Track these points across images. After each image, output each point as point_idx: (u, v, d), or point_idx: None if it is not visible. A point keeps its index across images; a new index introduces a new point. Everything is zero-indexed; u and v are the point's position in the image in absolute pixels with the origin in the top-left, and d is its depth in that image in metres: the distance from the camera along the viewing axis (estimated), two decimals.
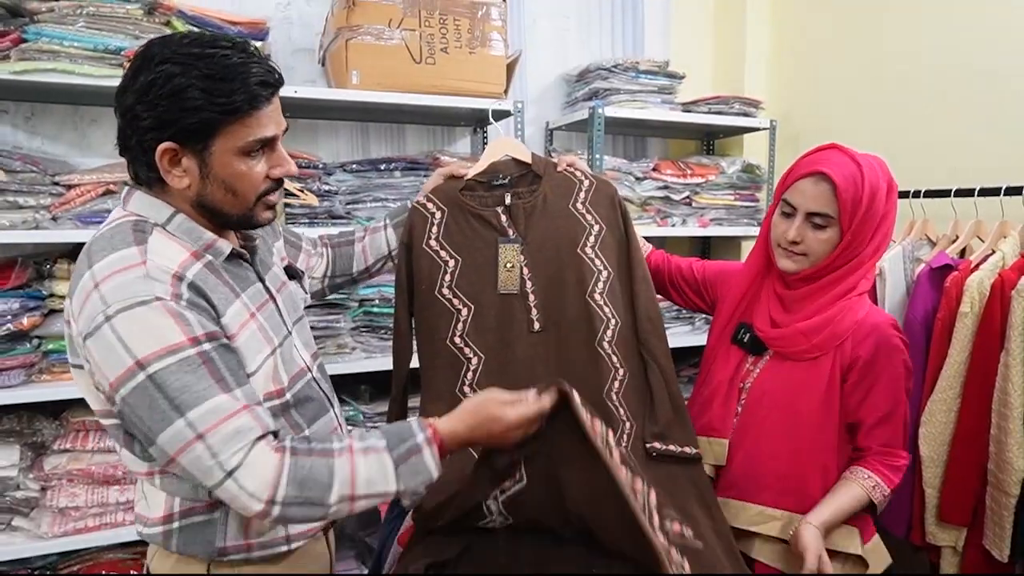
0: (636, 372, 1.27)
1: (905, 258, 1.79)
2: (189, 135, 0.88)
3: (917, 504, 1.63)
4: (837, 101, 2.35)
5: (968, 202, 1.73)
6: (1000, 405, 1.46)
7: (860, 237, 1.18)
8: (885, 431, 1.23)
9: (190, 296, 0.87)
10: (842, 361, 1.22)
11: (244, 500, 0.83)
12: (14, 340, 1.65)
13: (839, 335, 1.21)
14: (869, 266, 1.23)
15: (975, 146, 1.90)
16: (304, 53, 2.12)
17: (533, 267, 1.29)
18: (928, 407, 1.58)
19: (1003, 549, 1.45)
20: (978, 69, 1.90)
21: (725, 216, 2.40)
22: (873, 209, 1.16)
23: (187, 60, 0.86)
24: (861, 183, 1.15)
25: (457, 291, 1.28)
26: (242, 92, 0.87)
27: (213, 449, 0.81)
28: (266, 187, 0.96)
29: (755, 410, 1.27)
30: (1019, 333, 1.44)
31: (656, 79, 2.30)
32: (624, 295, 1.30)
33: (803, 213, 1.20)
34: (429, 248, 1.30)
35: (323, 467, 0.86)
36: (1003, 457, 1.45)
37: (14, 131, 1.88)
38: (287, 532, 1.02)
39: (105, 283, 0.83)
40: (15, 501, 1.69)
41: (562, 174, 1.35)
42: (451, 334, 1.26)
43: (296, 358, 1.05)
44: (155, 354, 0.81)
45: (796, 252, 1.22)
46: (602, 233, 1.31)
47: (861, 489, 1.20)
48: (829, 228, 1.18)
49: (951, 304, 1.57)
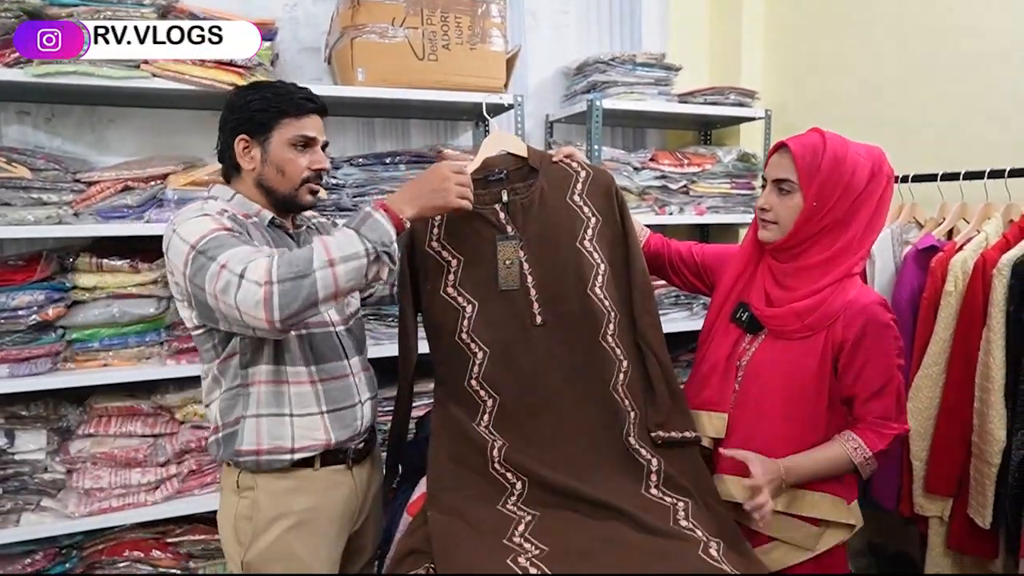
0: (636, 363, 1.32)
1: (894, 241, 1.85)
2: (256, 129, 1.27)
3: (905, 477, 1.69)
4: (831, 90, 2.40)
5: (954, 186, 1.79)
6: (983, 379, 1.52)
7: (827, 203, 1.24)
8: (879, 404, 1.27)
9: (231, 221, 1.20)
10: (833, 340, 1.26)
11: (251, 291, 1.05)
12: (40, 330, 1.74)
13: (830, 315, 1.26)
14: (861, 251, 1.28)
15: (962, 132, 1.95)
16: (311, 52, 2.20)
17: (532, 263, 1.32)
18: (914, 383, 1.64)
19: (985, 517, 1.50)
20: (966, 58, 1.95)
21: (722, 204, 2.45)
22: (840, 177, 1.22)
23: (257, 86, 1.31)
24: (821, 151, 1.23)
25: (461, 289, 1.33)
26: (292, 102, 1.27)
27: (231, 267, 1.08)
28: (307, 175, 1.30)
29: (752, 387, 1.31)
30: (1000, 310, 1.49)
31: (653, 71, 2.35)
32: (622, 288, 1.34)
33: (770, 181, 1.30)
34: (431, 249, 1.35)
35: (305, 251, 1.10)
36: (985, 429, 1.51)
37: (35, 132, 1.97)
38: (292, 445, 1.27)
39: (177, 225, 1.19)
40: (43, 483, 1.78)
41: (558, 166, 1.38)
42: (458, 330, 1.31)
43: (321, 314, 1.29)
44: (200, 237, 1.14)
45: (768, 220, 1.30)
46: (599, 225, 1.34)
47: (841, 447, 1.26)
48: (793, 193, 1.26)
49: (936, 284, 1.63)
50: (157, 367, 1.83)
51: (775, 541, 1.29)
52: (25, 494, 1.77)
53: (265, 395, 1.25)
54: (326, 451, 1.31)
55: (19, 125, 1.95)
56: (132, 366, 1.84)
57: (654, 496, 1.23)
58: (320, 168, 1.32)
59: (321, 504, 1.32)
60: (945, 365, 1.61)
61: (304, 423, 1.28)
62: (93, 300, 1.80)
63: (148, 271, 1.82)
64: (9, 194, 1.68)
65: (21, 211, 1.68)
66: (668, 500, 1.23)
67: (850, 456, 1.25)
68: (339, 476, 1.35)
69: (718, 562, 1.08)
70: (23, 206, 1.69)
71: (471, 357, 1.31)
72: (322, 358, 1.30)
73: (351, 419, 1.33)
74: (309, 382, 1.28)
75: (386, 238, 1.12)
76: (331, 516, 1.34)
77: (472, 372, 1.31)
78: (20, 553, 1.79)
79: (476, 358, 1.31)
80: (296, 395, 1.27)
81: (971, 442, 1.56)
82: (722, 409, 1.33)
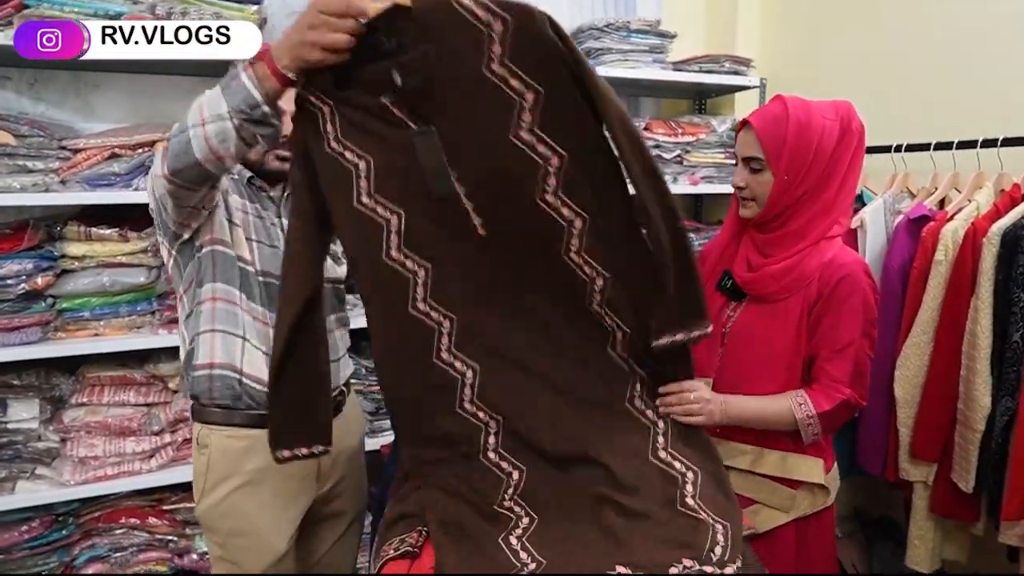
0: (624, 269, 1.05)
1: (886, 210, 1.85)
2: None
3: (892, 443, 1.72)
4: (826, 59, 2.38)
5: (947, 155, 1.79)
6: (969, 347, 1.54)
7: (798, 175, 1.24)
8: (836, 366, 1.26)
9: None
10: (808, 300, 1.27)
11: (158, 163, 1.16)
12: (29, 299, 1.73)
13: (806, 276, 1.27)
14: (837, 213, 1.28)
15: (955, 102, 1.94)
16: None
17: (455, 163, 1.00)
18: (903, 351, 1.66)
19: (968, 481, 1.54)
20: (961, 28, 1.93)
21: (715, 174, 2.44)
22: (807, 146, 1.22)
23: None
24: (784, 123, 1.22)
25: (379, 198, 1.04)
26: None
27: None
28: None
29: (734, 352, 1.34)
30: (988, 279, 1.50)
31: (648, 38, 2.32)
32: (597, 179, 1.00)
33: (741, 159, 1.31)
34: (331, 151, 1.03)
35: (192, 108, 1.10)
36: (970, 396, 1.53)
37: (18, 97, 1.93)
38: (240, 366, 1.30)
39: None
40: (37, 451, 1.79)
41: (461, 18, 0.91)
42: (386, 248, 1.05)
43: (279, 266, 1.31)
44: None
45: (745, 198, 1.31)
46: (540, 100, 0.94)
47: (786, 400, 1.26)
48: (764, 171, 1.27)
49: (927, 253, 1.64)
50: (149, 336, 1.83)
51: (757, 504, 1.32)
52: (20, 462, 1.77)
53: (220, 312, 1.30)
54: None
55: (2, 91, 1.91)
56: (124, 335, 1.83)
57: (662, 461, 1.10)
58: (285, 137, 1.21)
59: (274, 464, 1.27)
60: (933, 334, 1.63)
61: (255, 355, 1.32)
62: (83, 269, 1.79)
63: (137, 240, 1.79)
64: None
65: (7, 178, 1.65)
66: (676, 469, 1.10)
67: (793, 411, 1.24)
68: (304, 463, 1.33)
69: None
70: (8, 173, 1.66)
71: (409, 277, 1.06)
72: (274, 308, 1.27)
73: None
74: (262, 322, 1.33)
75: (249, 101, 1.01)
76: (287, 475, 1.33)
77: (416, 295, 1.07)
78: (17, 520, 1.80)
79: (417, 277, 1.06)
80: (249, 325, 1.32)
81: (956, 409, 1.58)
82: (707, 375, 1.34)
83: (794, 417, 1.25)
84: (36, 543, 1.81)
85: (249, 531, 1.35)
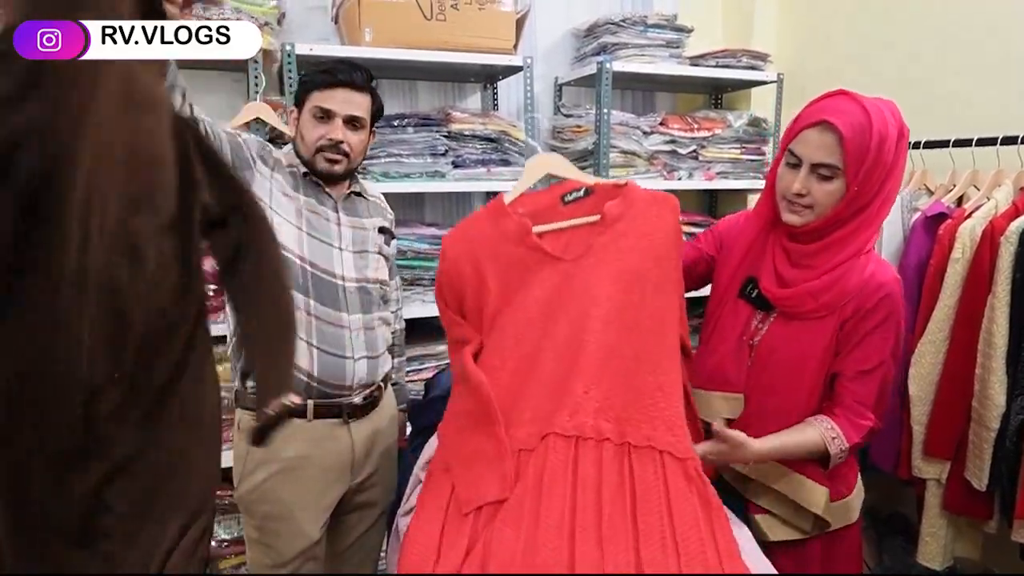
0: None
1: (903, 208, 1.85)
2: (298, 101, 1.44)
3: (905, 440, 1.72)
4: (843, 54, 2.37)
5: (966, 152, 1.78)
6: (985, 345, 1.54)
7: (867, 188, 1.14)
8: (861, 387, 1.21)
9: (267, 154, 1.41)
10: (843, 317, 1.20)
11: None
12: None
13: (846, 294, 1.18)
14: (879, 222, 1.20)
15: (975, 98, 1.93)
16: (318, 11, 2.17)
17: None
18: (918, 349, 1.66)
19: (982, 479, 1.54)
20: (981, 25, 1.91)
21: (731, 169, 2.44)
22: (881, 159, 1.12)
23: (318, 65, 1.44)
24: (869, 132, 1.10)
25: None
26: (319, 77, 1.40)
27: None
28: (321, 144, 1.40)
29: (763, 368, 1.26)
30: (1006, 277, 1.50)
31: (664, 33, 2.32)
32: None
33: (808, 164, 1.15)
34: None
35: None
36: (986, 394, 1.53)
37: None
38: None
39: None
40: None
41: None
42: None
43: (333, 264, 1.42)
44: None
45: (802, 205, 1.18)
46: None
47: (818, 435, 1.19)
48: (835, 179, 1.14)
49: (944, 251, 1.63)
50: None
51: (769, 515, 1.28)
52: None
53: None
54: (318, 404, 1.39)
55: None
56: None
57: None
58: (329, 137, 1.39)
59: (312, 454, 1.40)
60: (949, 331, 1.62)
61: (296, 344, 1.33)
62: None
63: None
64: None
65: None
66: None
67: (827, 445, 1.18)
68: (333, 429, 1.42)
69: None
70: None
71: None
72: (320, 299, 1.39)
73: (339, 369, 1.39)
74: (304, 311, 1.37)
75: None
76: (322, 466, 1.42)
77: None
78: None
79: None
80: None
81: (971, 407, 1.58)
82: (739, 390, 1.27)
83: (827, 451, 1.19)
84: None
85: (285, 516, 1.40)
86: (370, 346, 1.45)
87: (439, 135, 2.06)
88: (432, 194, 2.39)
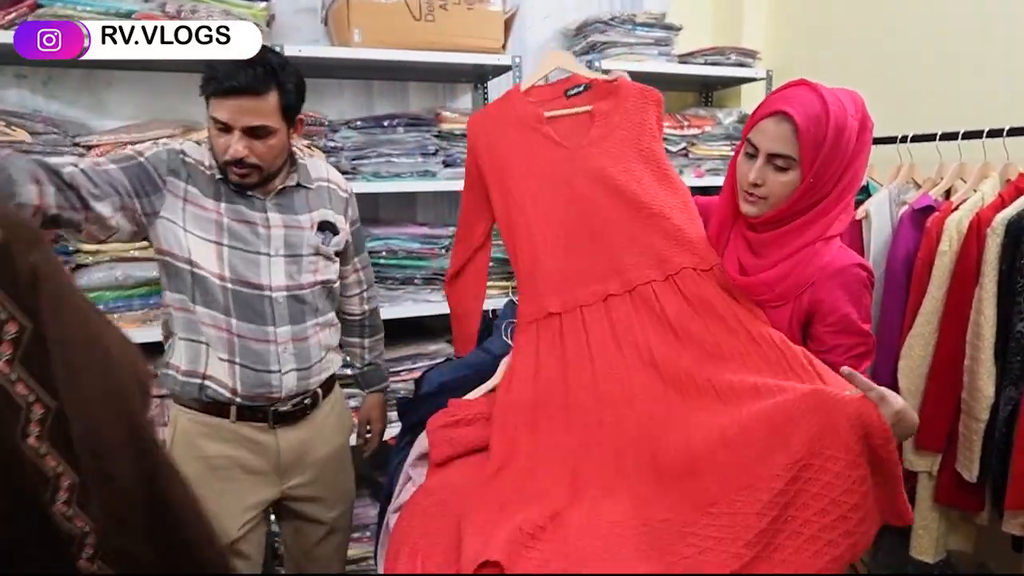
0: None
1: (891, 202, 1.85)
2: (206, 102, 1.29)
3: None
4: (832, 50, 2.38)
5: (953, 146, 1.79)
6: (974, 337, 1.54)
7: (823, 179, 1.13)
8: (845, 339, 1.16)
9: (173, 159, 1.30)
10: (799, 308, 1.18)
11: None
12: None
13: (803, 283, 1.17)
14: (839, 210, 1.17)
15: (962, 92, 1.94)
16: (307, 13, 2.17)
17: None
18: (907, 342, 1.67)
19: (972, 471, 1.54)
20: (966, 18, 1.92)
21: (721, 167, 2.45)
22: (839, 150, 1.11)
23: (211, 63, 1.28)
24: (825, 122, 1.09)
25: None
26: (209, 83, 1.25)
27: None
28: (225, 159, 1.27)
29: None
30: (993, 268, 1.51)
31: (653, 31, 2.33)
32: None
33: (764, 154, 1.15)
34: None
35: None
36: (975, 385, 1.54)
37: (33, 95, 1.96)
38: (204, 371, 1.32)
39: None
40: None
41: None
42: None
43: (260, 275, 1.33)
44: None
45: (757, 195, 1.18)
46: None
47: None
48: (791, 170, 1.14)
49: (931, 244, 1.64)
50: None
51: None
52: None
53: (181, 320, 1.33)
54: (242, 406, 1.36)
55: (17, 89, 1.94)
56: (137, 328, 1.86)
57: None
58: (226, 154, 1.26)
59: (236, 454, 1.38)
60: (938, 324, 1.63)
61: (219, 365, 1.33)
62: (96, 264, 1.82)
63: None
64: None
65: None
66: None
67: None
68: (257, 433, 1.39)
69: None
70: None
71: None
72: (243, 316, 1.32)
73: (263, 383, 1.35)
74: (226, 331, 1.32)
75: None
76: (246, 467, 1.39)
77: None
78: None
79: None
80: (210, 334, 1.32)
81: (960, 399, 1.59)
82: None
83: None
84: None
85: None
86: (301, 357, 1.38)
87: (429, 135, 2.07)
88: (423, 193, 2.40)
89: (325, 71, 2.16)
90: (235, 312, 1.31)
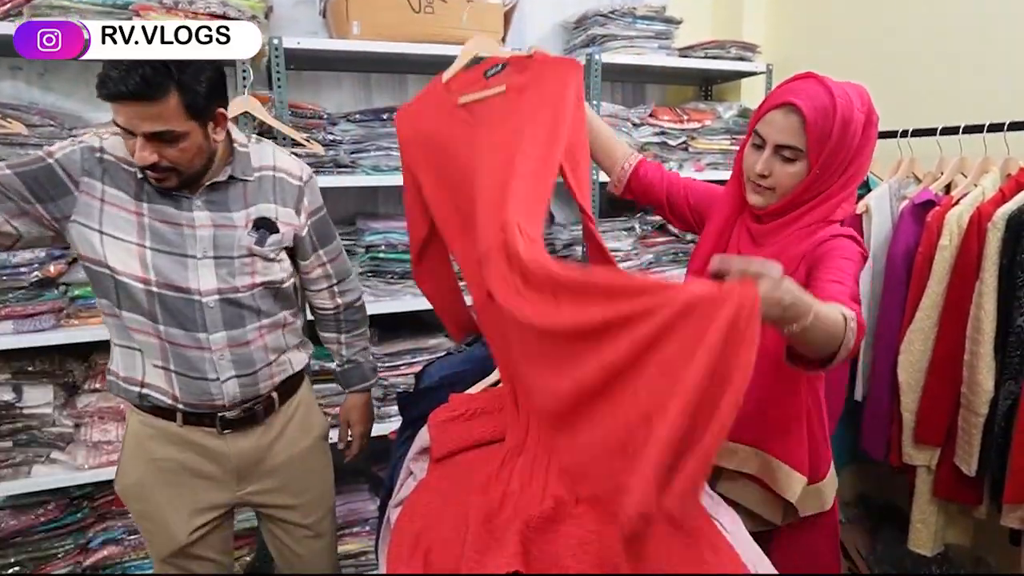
0: None
1: (891, 196, 1.85)
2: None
3: (895, 428, 1.73)
4: (832, 44, 2.37)
5: (954, 140, 1.79)
6: (973, 331, 1.55)
7: (829, 170, 1.15)
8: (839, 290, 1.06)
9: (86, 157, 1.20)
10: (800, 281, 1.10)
11: None
12: (42, 287, 1.75)
13: (794, 260, 1.15)
14: (841, 198, 1.18)
15: (962, 87, 1.94)
16: (306, 5, 2.16)
17: None
18: (907, 336, 1.67)
19: (971, 464, 1.55)
20: (968, 14, 1.92)
21: (721, 160, 2.45)
22: (845, 142, 1.12)
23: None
24: (832, 115, 1.11)
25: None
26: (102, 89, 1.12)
27: None
28: (138, 164, 1.16)
29: None
30: (993, 263, 1.51)
31: (653, 24, 2.32)
32: None
33: (772, 145, 1.16)
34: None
35: None
36: (974, 380, 1.54)
37: (28, 88, 1.95)
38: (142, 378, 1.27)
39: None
40: (52, 436, 1.82)
41: None
42: None
43: (188, 279, 1.24)
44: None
45: (764, 186, 1.19)
46: None
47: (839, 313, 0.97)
48: (798, 161, 1.15)
49: (932, 238, 1.64)
50: None
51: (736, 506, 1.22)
52: (35, 447, 1.81)
53: (114, 326, 1.28)
54: (187, 412, 1.30)
55: (13, 80, 1.93)
56: None
57: None
58: (142, 164, 1.15)
59: (184, 458, 1.33)
60: (937, 319, 1.63)
61: (154, 372, 1.27)
62: None
63: None
64: (5, 150, 1.67)
65: None
66: None
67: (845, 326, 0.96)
68: (206, 438, 1.33)
69: None
70: None
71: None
72: (172, 322, 1.24)
73: (203, 391, 1.28)
74: (155, 336, 1.24)
75: None
76: (195, 472, 1.34)
77: None
78: (33, 504, 1.84)
79: None
80: (142, 340, 1.25)
81: (960, 393, 1.59)
82: None
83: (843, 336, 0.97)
84: (52, 526, 1.85)
85: (154, 516, 1.35)
86: (242, 364, 1.29)
87: None
88: None
89: (324, 64, 2.15)
90: (162, 318, 1.23)
